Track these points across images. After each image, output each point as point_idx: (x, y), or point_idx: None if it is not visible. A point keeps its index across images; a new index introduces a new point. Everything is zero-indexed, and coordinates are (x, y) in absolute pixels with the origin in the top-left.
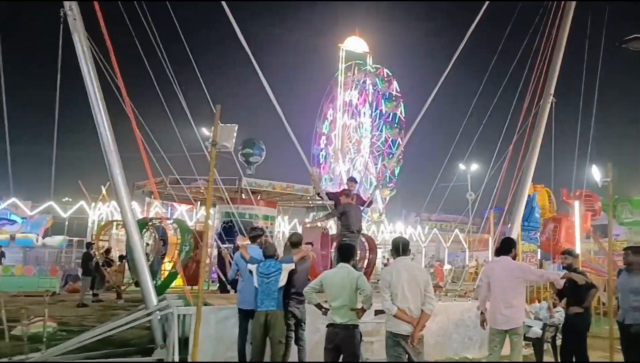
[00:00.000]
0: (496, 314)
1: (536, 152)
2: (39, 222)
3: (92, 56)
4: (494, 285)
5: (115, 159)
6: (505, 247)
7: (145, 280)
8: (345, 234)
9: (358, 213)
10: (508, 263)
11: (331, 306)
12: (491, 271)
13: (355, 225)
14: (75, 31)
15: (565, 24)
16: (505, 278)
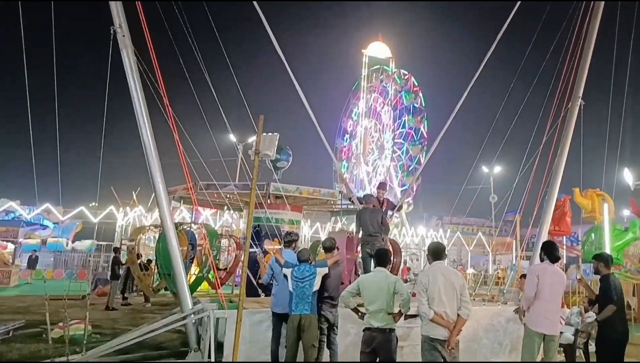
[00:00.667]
0: (542, 317)
1: (565, 155)
2: (70, 227)
3: (138, 69)
4: (544, 289)
5: (157, 167)
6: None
7: (181, 283)
8: (364, 238)
9: (373, 216)
10: (559, 270)
11: (368, 310)
12: (543, 273)
13: (371, 227)
14: (124, 47)
15: (593, 26)
16: (556, 284)
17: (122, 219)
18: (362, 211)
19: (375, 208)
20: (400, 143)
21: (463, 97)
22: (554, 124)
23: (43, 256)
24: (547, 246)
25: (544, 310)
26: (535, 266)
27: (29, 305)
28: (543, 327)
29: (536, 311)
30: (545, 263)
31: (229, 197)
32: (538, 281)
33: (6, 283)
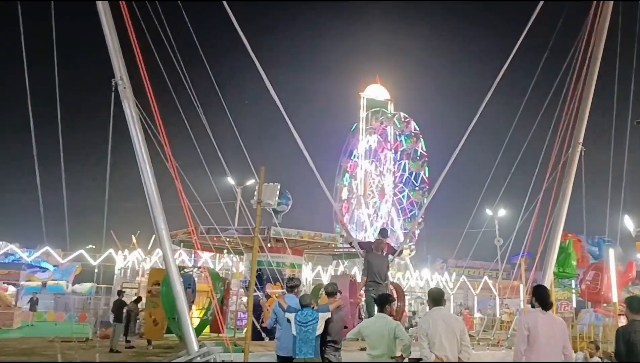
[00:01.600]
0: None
1: (567, 200)
2: (69, 270)
3: (139, 119)
4: (538, 340)
5: (160, 212)
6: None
7: (187, 326)
8: (369, 284)
9: (382, 263)
10: (555, 318)
11: (371, 355)
12: (535, 323)
13: (378, 275)
14: (125, 99)
15: (592, 72)
16: (553, 333)
17: (122, 262)
18: (371, 255)
19: (385, 255)
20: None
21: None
22: (555, 169)
23: (44, 298)
24: (538, 291)
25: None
26: (525, 317)
27: (33, 347)
28: None
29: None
30: (537, 311)
31: (229, 241)
32: (529, 334)
33: (9, 325)
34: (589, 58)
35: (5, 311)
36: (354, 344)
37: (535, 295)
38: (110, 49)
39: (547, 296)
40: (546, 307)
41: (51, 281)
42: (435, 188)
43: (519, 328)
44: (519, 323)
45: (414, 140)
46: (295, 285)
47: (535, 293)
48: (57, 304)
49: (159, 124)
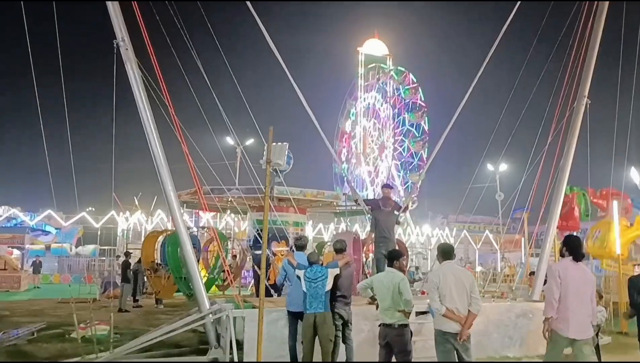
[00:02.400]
0: (569, 321)
1: (571, 154)
2: (71, 232)
3: (142, 80)
4: (569, 290)
5: (167, 173)
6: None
7: (198, 285)
8: (379, 240)
9: (389, 219)
10: (586, 269)
11: (381, 307)
12: (565, 272)
13: (385, 230)
14: (127, 60)
15: (598, 23)
16: (583, 284)
17: (124, 224)
18: (378, 212)
19: (391, 210)
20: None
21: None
22: (560, 122)
23: (48, 261)
24: (571, 241)
25: (572, 313)
26: (556, 265)
27: (43, 308)
28: (571, 331)
29: (564, 315)
30: (567, 260)
31: (232, 201)
32: (561, 282)
33: (17, 288)
34: (595, 8)
35: (12, 275)
36: (363, 299)
37: (567, 244)
38: (110, 11)
39: (579, 246)
40: (578, 257)
41: (55, 244)
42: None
43: (550, 276)
44: (549, 271)
45: (412, 91)
46: (304, 243)
47: (567, 242)
48: (61, 266)
49: (162, 85)
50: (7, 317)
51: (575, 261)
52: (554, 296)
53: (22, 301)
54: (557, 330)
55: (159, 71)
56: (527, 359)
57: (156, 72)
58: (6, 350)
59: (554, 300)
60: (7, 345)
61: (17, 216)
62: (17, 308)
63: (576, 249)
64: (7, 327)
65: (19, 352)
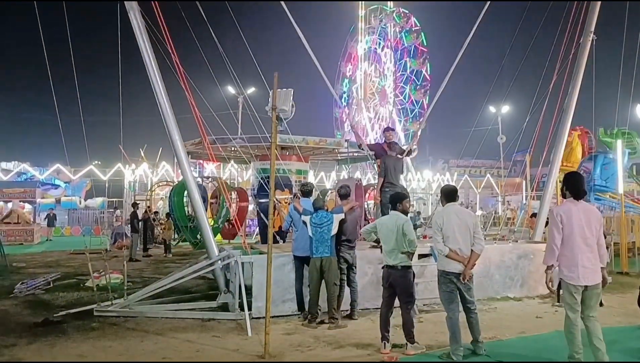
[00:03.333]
0: (577, 267)
1: (576, 93)
2: (80, 186)
3: (146, 29)
4: (573, 232)
5: (173, 124)
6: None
7: (207, 233)
8: (386, 186)
9: (397, 164)
10: (590, 208)
11: (384, 249)
12: (568, 213)
13: (394, 177)
14: (130, 9)
15: None
16: (588, 225)
17: (131, 176)
18: (387, 158)
19: (398, 155)
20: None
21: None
22: (565, 60)
23: (58, 214)
24: (571, 178)
25: (579, 257)
26: (557, 208)
27: (57, 259)
28: (582, 277)
29: (571, 262)
30: (569, 201)
31: (235, 149)
32: (563, 226)
33: (30, 240)
34: None
35: (25, 228)
36: (367, 242)
37: (567, 183)
38: None
39: (580, 183)
40: (579, 196)
41: (64, 198)
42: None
43: (552, 221)
44: (550, 215)
45: (414, 36)
46: (309, 189)
47: (567, 181)
48: (71, 219)
49: (165, 33)
50: (23, 269)
51: (576, 199)
52: (554, 242)
53: (36, 253)
54: (566, 280)
55: (162, 19)
56: (528, 299)
57: (159, 20)
58: (25, 300)
59: (555, 246)
60: (25, 294)
61: (27, 171)
62: (32, 260)
63: (577, 186)
64: (24, 277)
65: (37, 301)
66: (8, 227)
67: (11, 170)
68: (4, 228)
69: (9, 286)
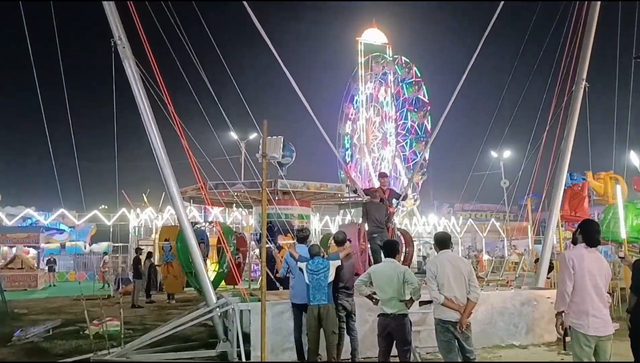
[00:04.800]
0: (587, 316)
1: (571, 138)
2: (85, 230)
3: (141, 78)
4: (584, 279)
5: (169, 170)
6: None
7: (204, 280)
8: (373, 231)
9: (379, 209)
10: (600, 256)
11: (380, 298)
12: (580, 259)
13: (376, 221)
14: (125, 58)
15: (595, 5)
16: (599, 274)
17: (135, 221)
18: (368, 204)
19: (382, 202)
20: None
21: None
22: (558, 107)
23: (63, 259)
24: (585, 226)
25: (590, 306)
26: (569, 253)
27: (59, 306)
28: (594, 327)
29: (580, 309)
30: (581, 247)
31: (237, 195)
32: (574, 272)
33: (34, 286)
34: None
35: (29, 273)
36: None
37: (582, 229)
38: (106, 10)
39: (595, 231)
40: (592, 244)
41: (69, 243)
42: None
43: (563, 266)
44: (561, 260)
45: (415, 88)
46: (305, 235)
47: (582, 227)
48: (77, 264)
49: (160, 82)
50: (24, 315)
51: (589, 247)
52: (565, 288)
53: (39, 299)
54: (575, 327)
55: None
56: (533, 347)
57: (154, 70)
58: (23, 347)
59: (565, 293)
60: (24, 342)
61: (32, 216)
62: (34, 306)
63: (591, 234)
64: (25, 324)
65: (35, 349)
66: (12, 272)
67: (16, 215)
68: (8, 273)
69: (8, 334)
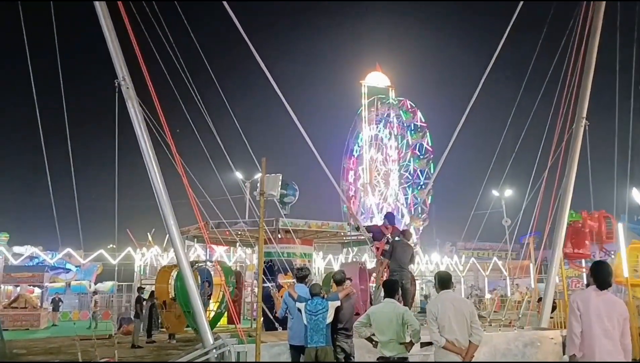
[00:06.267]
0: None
1: (572, 177)
2: (91, 269)
3: (144, 118)
4: (594, 323)
5: (169, 209)
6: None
7: (201, 320)
8: (393, 269)
9: (407, 250)
10: (614, 299)
11: (379, 340)
12: (586, 302)
13: (403, 261)
14: (128, 98)
15: (592, 45)
16: (609, 316)
17: (140, 260)
18: (396, 242)
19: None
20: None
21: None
22: (559, 145)
23: (68, 298)
24: (596, 267)
25: (599, 351)
26: (575, 295)
27: (60, 346)
28: None
29: (587, 350)
30: (590, 290)
31: (239, 234)
32: (580, 314)
33: (36, 325)
34: (587, 30)
35: (32, 313)
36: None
37: (592, 271)
38: (110, 50)
39: (605, 273)
40: (603, 286)
41: (74, 282)
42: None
43: (569, 308)
44: (569, 303)
45: (420, 134)
46: (305, 274)
47: (593, 269)
48: (82, 303)
49: (163, 123)
50: (23, 355)
51: (600, 289)
52: (574, 331)
53: (39, 339)
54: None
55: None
56: None
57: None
58: None
59: (574, 335)
60: None
61: (39, 255)
62: (34, 347)
63: (602, 276)
64: None
65: None
66: (15, 312)
67: (23, 254)
68: (11, 312)
69: None
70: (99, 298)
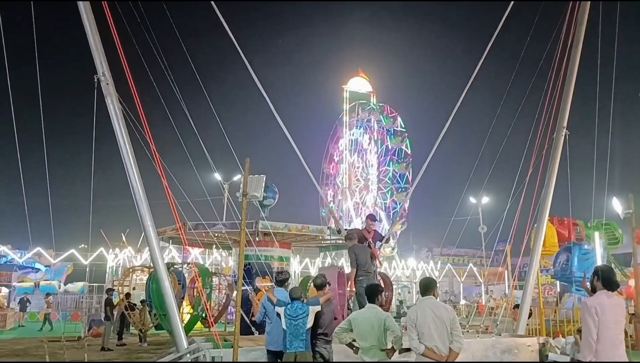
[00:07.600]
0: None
1: (552, 185)
2: (61, 269)
3: (123, 115)
4: (610, 327)
5: (146, 209)
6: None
7: (176, 323)
8: (361, 274)
9: (367, 253)
10: (620, 302)
11: (360, 346)
12: (603, 307)
13: (366, 264)
14: (108, 95)
15: (575, 56)
16: (618, 320)
17: (113, 261)
18: (356, 247)
19: (366, 245)
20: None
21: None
22: (539, 154)
23: (37, 298)
24: (603, 271)
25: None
26: (591, 301)
27: (26, 347)
28: None
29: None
30: (602, 294)
31: (217, 236)
32: (599, 319)
33: (2, 326)
34: (570, 42)
35: None
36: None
37: (598, 274)
38: (91, 46)
39: (612, 275)
40: (612, 288)
41: (44, 282)
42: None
43: (587, 315)
44: (584, 308)
45: (399, 139)
46: (284, 278)
47: (600, 273)
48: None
49: (143, 120)
50: None
51: (610, 291)
52: (592, 335)
53: (5, 340)
54: None
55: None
56: None
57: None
58: None
59: (592, 340)
60: None
61: (7, 254)
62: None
63: (610, 278)
64: None
65: None
66: None
67: None
68: None
69: None
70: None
